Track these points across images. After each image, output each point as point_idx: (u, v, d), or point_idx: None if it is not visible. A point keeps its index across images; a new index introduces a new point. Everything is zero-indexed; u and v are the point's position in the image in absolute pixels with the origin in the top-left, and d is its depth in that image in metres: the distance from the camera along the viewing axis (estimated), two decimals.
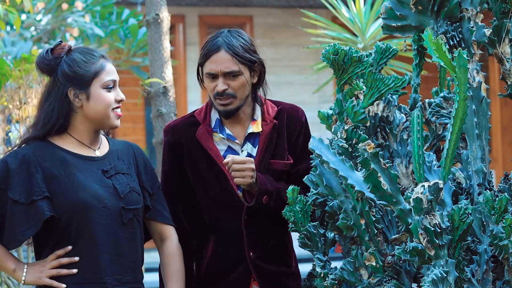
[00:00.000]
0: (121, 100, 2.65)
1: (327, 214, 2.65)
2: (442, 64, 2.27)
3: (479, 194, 2.47)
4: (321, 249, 2.68)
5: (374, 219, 2.51)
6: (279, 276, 2.93)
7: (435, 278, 2.20)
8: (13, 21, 3.95)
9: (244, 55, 2.83)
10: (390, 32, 2.62)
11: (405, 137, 2.71)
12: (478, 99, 2.49)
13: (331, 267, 2.67)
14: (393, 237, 2.44)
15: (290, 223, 2.70)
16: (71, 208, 2.53)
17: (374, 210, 2.52)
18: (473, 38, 2.52)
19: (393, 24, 2.58)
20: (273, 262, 2.92)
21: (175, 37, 8.71)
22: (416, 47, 2.77)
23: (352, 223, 2.51)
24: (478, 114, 2.48)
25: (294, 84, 8.99)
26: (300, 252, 2.99)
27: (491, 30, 2.52)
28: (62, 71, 2.60)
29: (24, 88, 4.18)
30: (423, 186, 2.20)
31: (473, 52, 2.53)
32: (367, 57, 2.66)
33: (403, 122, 2.73)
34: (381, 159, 2.28)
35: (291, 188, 2.67)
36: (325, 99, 8.81)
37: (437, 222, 2.20)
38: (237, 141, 2.91)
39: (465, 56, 2.24)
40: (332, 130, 2.68)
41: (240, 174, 2.78)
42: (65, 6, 6.57)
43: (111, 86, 2.63)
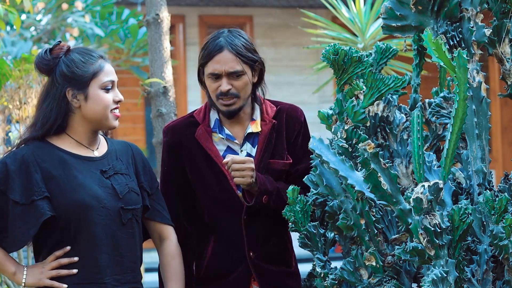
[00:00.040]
0: (119, 101, 2.64)
1: (327, 214, 2.64)
2: (442, 64, 2.27)
3: (479, 194, 2.47)
4: (321, 249, 2.68)
5: (374, 219, 2.51)
6: (279, 276, 2.93)
7: (435, 278, 2.20)
8: (13, 21, 3.95)
9: (247, 54, 2.83)
10: (390, 32, 2.62)
11: (405, 137, 2.71)
12: (478, 99, 2.49)
13: (331, 267, 2.67)
14: (393, 237, 2.44)
15: (290, 223, 2.70)
16: (70, 209, 2.52)
17: (374, 210, 2.52)
18: (473, 38, 2.52)
19: (393, 24, 2.58)
20: (273, 262, 2.92)
21: (175, 37, 8.71)
22: (416, 47, 2.77)
23: (352, 223, 2.51)
24: (478, 114, 2.48)
25: (294, 84, 8.99)
26: (300, 252, 2.99)
27: (491, 30, 2.52)
28: (60, 72, 2.60)
29: (24, 88, 4.17)
30: (423, 186, 2.20)
31: (473, 52, 2.52)
32: (367, 57, 2.66)
33: (403, 122, 2.73)
34: (381, 159, 2.28)
35: (291, 188, 2.67)
36: (325, 99, 8.81)
37: (437, 222, 2.20)
38: (236, 141, 2.91)
39: (465, 56, 2.24)
40: (332, 130, 2.68)
41: (240, 173, 2.78)
42: (65, 6, 6.57)
43: (109, 87, 2.62)
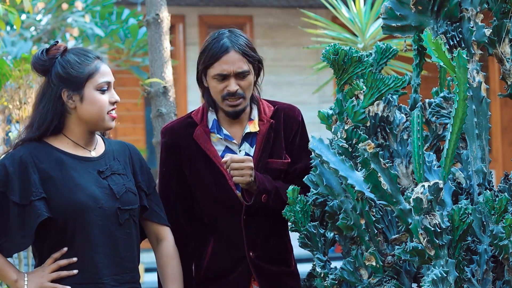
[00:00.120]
0: (116, 102, 2.63)
1: (327, 214, 2.64)
2: (442, 64, 2.27)
3: (479, 194, 2.47)
4: (321, 249, 2.68)
5: (374, 219, 2.51)
6: (279, 276, 2.93)
7: (435, 278, 2.20)
8: (13, 21, 3.95)
9: (251, 54, 2.85)
10: (390, 32, 2.62)
11: (405, 137, 2.71)
12: (478, 99, 2.49)
13: (331, 267, 2.67)
14: (393, 237, 2.44)
15: (290, 223, 2.70)
16: (67, 209, 2.52)
17: (374, 210, 2.51)
18: (473, 38, 2.52)
19: (393, 24, 2.58)
20: (273, 262, 2.92)
21: (175, 37, 8.71)
22: (416, 47, 2.77)
23: (352, 223, 2.51)
24: (478, 114, 2.48)
25: (294, 84, 8.99)
26: (300, 252, 2.99)
27: (491, 30, 2.52)
28: (56, 72, 2.59)
29: (24, 88, 4.18)
30: (423, 186, 2.20)
31: (473, 52, 2.52)
32: (367, 57, 2.66)
33: (403, 122, 2.73)
34: (381, 159, 2.28)
35: (291, 188, 2.67)
36: (325, 99, 8.81)
37: (437, 222, 2.20)
38: (234, 141, 2.91)
39: (464, 56, 2.24)
40: (332, 130, 2.68)
41: (239, 172, 2.78)
42: (65, 6, 6.57)
43: (105, 88, 2.61)
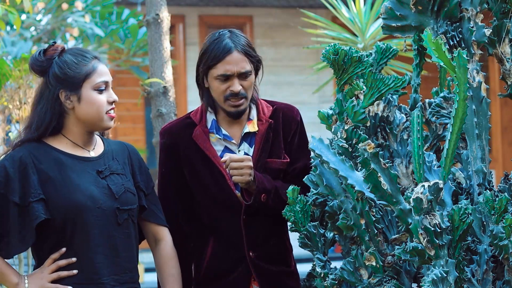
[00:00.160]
0: (114, 101, 2.63)
1: (327, 214, 2.64)
2: (442, 64, 2.27)
3: (479, 194, 2.47)
4: (321, 249, 2.68)
5: (374, 219, 2.51)
6: (279, 276, 2.93)
7: (435, 278, 2.20)
8: (13, 21, 3.95)
9: (253, 54, 2.86)
10: (390, 32, 2.62)
11: (405, 137, 2.71)
12: (478, 99, 2.49)
13: (331, 267, 2.67)
14: (393, 237, 2.44)
15: (290, 223, 2.70)
16: (66, 210, 2.52)
17: (374, 210, 2.51)
18: (473, 38, 2.52)
19: (393, 24, 2.58)
20: (272, 262, 2.92)
21: (175, 37, 8.71)
22: (416, 47, 2.77)
23: (352, 223, 2.51)
24: (478, 114, 2.48)
25: (294, 84, 8.99)
26: (300, 252, 2.99)
27: (491, 30, 2.52)
28: (53, 73, 2.60)
29: (24, 88, 4.18)
30: (423, 186, 2.20)
31: (473, 52, 2.52)
32: (367, 57, 2.66)
33: (403, 122, 2.73)
34: (381, 159, 2.28)
35: (291, 188, 2.67)
36: (325, 99, 8.81)
37: (437, 222, 2.20)
38: (233, 141, 2.91)
39: (465, 56, 2.24)
40: (332, 130, 2.68)
41: (238, 172, 2.78)
42: (65, 6, 6.57)
43: (102, 88, 2.61)
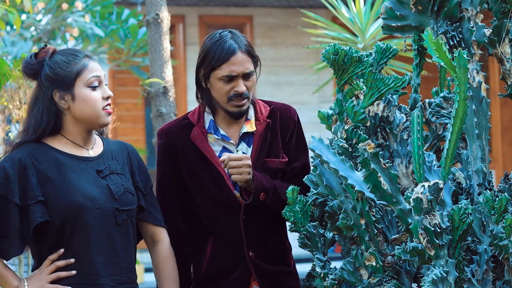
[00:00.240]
0: (109, 97, 2.64)
1: (327, 214, 2.64)
2: (442, 64, 2.27)
3: (479, 194, 2.47)
4: (321, 249, 2.68)
5: (374, 219, 2.51)
6: (279, 276, 2.93)
7: (435, 278, 2.20)
8: (13, 21, 3.94)
9: (255, 54, 2.87)
10: (390, 32, 2.62)
11: (405, 137, 2.71)
12: (478, 99, 2.49)
13: (331, 267, 2.67)
14: (393, 237, 2.44)
15: (289, 223, 2.70)
16: (66, 210, 2.52)
17: (374, 210, 2.51)
18: (473, 38, 2.52)
19: (393, 24, 2.58)
20: (272, 262, 2.92)
21: (175, 37, 8.71)
22: (416, 47, 2.77)
23: (352, 223, 2.51)
24: (478, 114, 2.48)
25: (294, 84, 8.99)
26: (300, 252, 2.99)
27: (491, 30, 2.52)
28: (45, 74, 2.60)
29: (24, 88, 4.18)
30: (423, 186, 2.20)
31: (473, 52, 2.52)
32: (367, 57, 2.66)
33: (403, 122, 2.73)
34: (381, 159, 2.28)
35: (290, 188, 2.67)
36: (325, 99, 8.81)
37: (437, 222, 2.20)
38: (231, 141, 2.91)
39: (465, 56, 2.24)
40: (332, 130, 2.68)
41: (237, 171, 2.78)
42: (65, 6, 6.57)
43: (96, 84, 2.61)
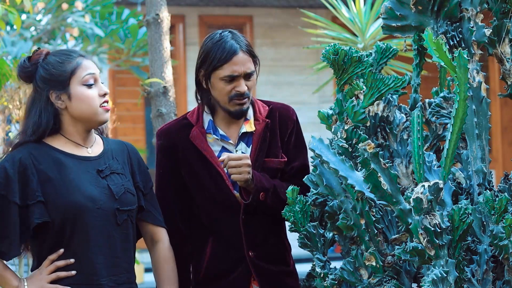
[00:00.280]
0: (105, 93, 2.64)
1: (327, 214, 2.64)
2: (442, 64, 2.27)
3: (479, 194, 2.47)
4: (321, 249, 2.68)
5: (374, 219, 2.51)
6: (279, 276, 2.93)
7: (435, 278, 2.20)
8: (13, 21, 3.94)
9: (255, 54, 2.88)
10: (390, 32, 2.62)
11: (405, 137, 2.71)
12: (478, 99, 2.49)
13: (330, 267, 2.67)
14: (393, 237, 2.44)
15: (289, 223, 2.70)
16: (66, 211, 2.52)
17: (374, 210, 2.51)
18: (473, 38, 2.52)
19: (393, 24, 2.58)
20: (272, 262, 2.92)
21: (175, 37, 8.71)
22: (416, 47, 2.77)
23: (352, 223, 2.51)
24: (478, 114, 2.48)
25: (294, 84, 8.99)
26: (300, 252, 2.98)
27: (491, 30, 2.52)
28: (40, 76, 2.61)
29: (24, 88, 4.17)
30: (423, 186, 2.20)
31: (473, 52, 2.52)
32: (367, 57, 2.66)
33: (403, 122, 2.73)
34: (381, 159, 2.28)
35: (290, 188, 2.67)
36: (325, 99, 8.81)
37: (437, 222, 2.20)
38: (231, 141, 2.92)
39: (465, 56, 2.24)
40: (332, 130, 2.68)
41: (237, 170, 2.78)
42: (65, 6, 6.56)
43: (91, 82, 2.61)
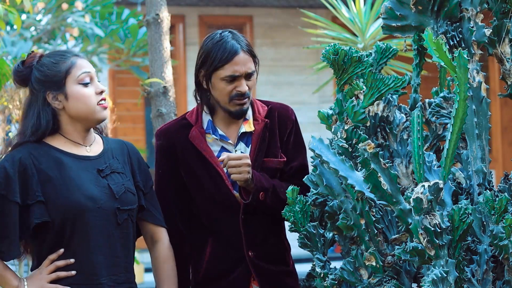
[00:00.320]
0: (102, 91, 2.64)
1: (327, 214, 2.64)
2: (442, 64, 2.27)
3: (479, 194, 2.47)
4: (321, 249, 2.68)
5: (374, 219, 2.51)
6: (278, 275, 2.94)
7: (435, 278, 2.20)
8: (13, 21, 3.94)
9: (255, 54, 2.88)
10: (390, 32, 2.62)
11: (405, 137, 2.71)
12: (478, 99, 2.49)
13: (330, 267, 2.67)
14: (393, 237, 2.44)
15: (289, 223, 2.70)
16: (66, 210, 2.52)
17: (374, 210, 2.51)
18: (473, 38, 2.52)
19: (393, 24, 2.58)
20: (272, 261, 2.92)
21: (175, 37, 8.71)
22: (416, 47, 2.77)
23: (352, 223, 2.51)
24: (478, 114, 2.48)
25: (294, 84, 8.99)
26: (300, 252, 2.98)
27: (491, 30, 2.52)
28: (35, 78, 2.62)
29: (24, 89, 4.17)
30: (423, 186, 2.20)
31: (473, 52, 2.52)
32: (367, 57, 2.66)
33: (403, 122, 2.73)
34: (381, 159, 2.28)
35: (290, 188, 2.67)
36: (325, 99, 8.81)
37: (437, 222, 2.20)
38: (230, 141, 2.92)
39: (465, 56, 2.24)
40: (332, 130, 2.68)
41: (237, 170, 2.78)
42: (65, 6, 6.56)
43: (87, 81, 2.61)
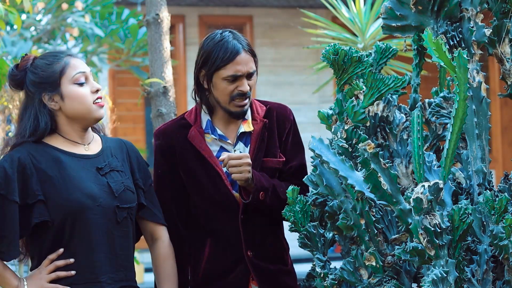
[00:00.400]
0: (97, 90, 2.64)
1: (327, 214, 2.64)
2: (442, 64, 2.27)
3: (479, 194, 2.47)
4: (321, 249, 2.68)
5: (374, 219, 2.51)
6: (277, 275, 2.94)
7: (435, 278, 2.20)
8: (13, 21, 3.94)
9: (255, 54, 2.88)
10: (390, 32, 2.62)
11: (405, 137, 2.71)
12: (478, 99, 2.49)
13: (331, 267, 2.67)
14: (393, 237, 2.44)
15: (289, 223, 2.70)
16: (66, 209, 2.52)
17: (374, 210, 2.51)
18: (473, 38, 2.52)
19: (393, 24, 2.58)
20: (270, 261, 2.92)
21: (175, 37, 8.71)
22: (416, 47, 2.77)
23: (352, 223, 2.51)
24: (478, 114, 2.48)
25: (294, 84, 8.99)
26: (299, 252, 2.98)
27: (491, 30, 2.52)
28: (30, 80, 2.62)
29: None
30: (423, 186, 2.20)
31: (473, 52, 2.52)
32: (367, 57, 2.66)
33: (403, 122, 2.73)
34: (381, 159, 2.28)
35: (290, 188, 2.67)
36: (325, 99, 8.81)
37: (437, 222, 2.20)
38: (229, 141, 2.92)
39: (465, 56, 2.24)
40: (332, 130, 2.68)
41: (237, 169, 2.78)
42: (65, 6, 6.55)
43: (82, 81, 2.62)
